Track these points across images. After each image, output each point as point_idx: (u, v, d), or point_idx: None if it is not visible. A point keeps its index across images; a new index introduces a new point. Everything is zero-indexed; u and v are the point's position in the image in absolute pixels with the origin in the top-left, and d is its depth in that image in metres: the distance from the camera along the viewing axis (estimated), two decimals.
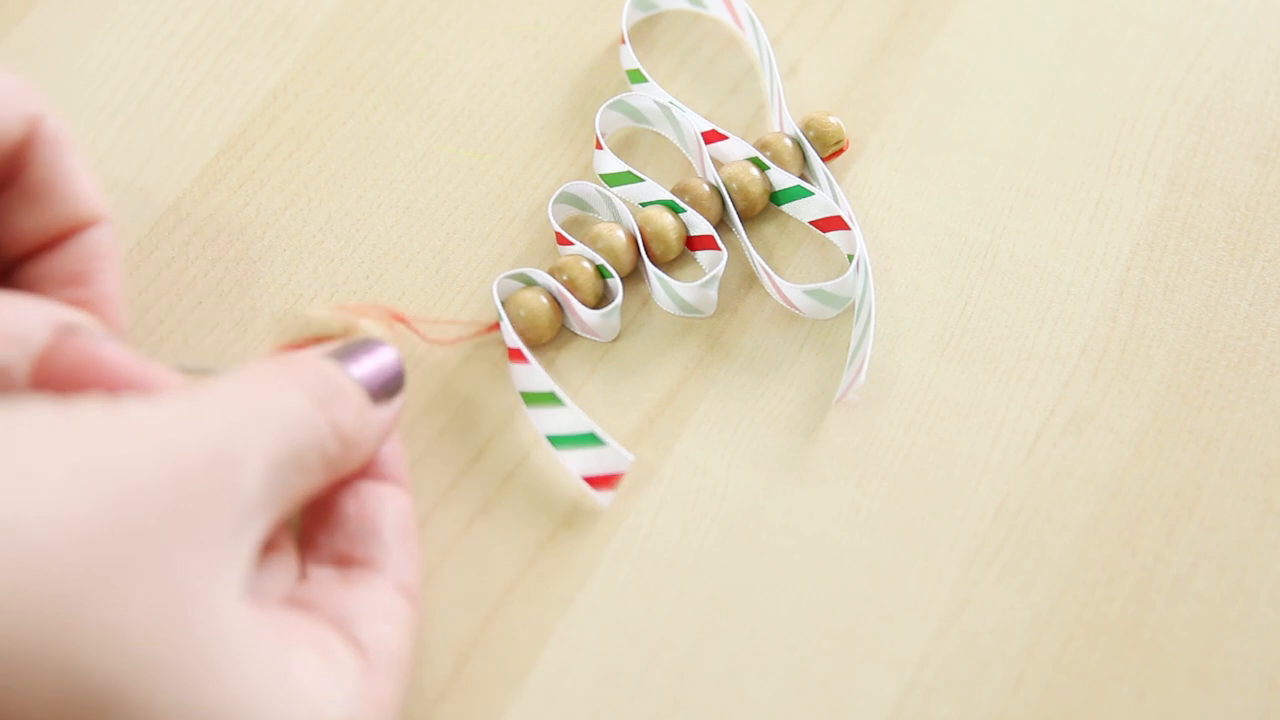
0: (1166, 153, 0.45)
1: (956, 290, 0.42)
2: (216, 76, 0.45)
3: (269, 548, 0.34)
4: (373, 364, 0.35)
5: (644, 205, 0.43)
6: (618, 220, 0.42)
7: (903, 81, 0.46)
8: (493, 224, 0.43)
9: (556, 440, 0.39)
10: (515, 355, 0.40)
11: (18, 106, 0.35)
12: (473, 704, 0.36)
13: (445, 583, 0.38)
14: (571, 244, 0.41)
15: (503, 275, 0.41)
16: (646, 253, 0.42)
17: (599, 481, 0.38)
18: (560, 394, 0.38)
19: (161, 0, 0.46)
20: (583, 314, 0.40)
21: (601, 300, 0.41)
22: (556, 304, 0.41)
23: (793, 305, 0.41)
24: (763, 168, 0.43)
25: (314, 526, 0.35)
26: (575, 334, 0.41)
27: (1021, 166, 0.44)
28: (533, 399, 0.39)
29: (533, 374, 0.39)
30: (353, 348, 0.35)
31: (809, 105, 0.45)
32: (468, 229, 0.43)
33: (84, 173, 0.36)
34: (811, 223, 0.43)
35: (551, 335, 0.41)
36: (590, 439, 0.38)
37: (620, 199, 0.42)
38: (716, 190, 0.42)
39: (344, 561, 0.35)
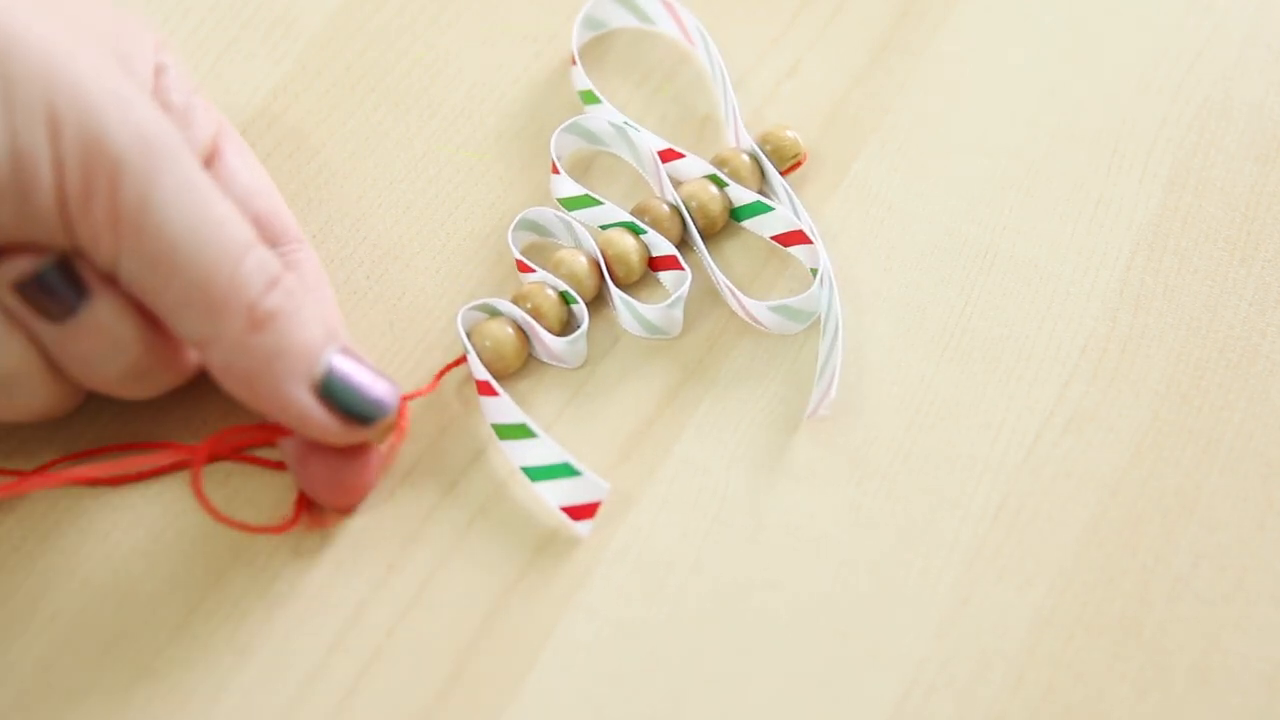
0: (1166, 153, 0.45)
1: (956, 290, 0.42)
2: (217, 76, 0.45)
3: None
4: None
5: (604, 228, 0.42)
6: (578, 245, 0.42)
7: (903, 81, 0.46)
8: (493, 224, 0.43)
9: (532, 473, 0.38)
10: (484, 388, 0.39)
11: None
12: (473, 704, 0.36)
13: (445, 583, 0.38)
14: (533, 271, 0.41)
15: (466, 307, 0.40)
16: (610, 276, 0.41)
17: (577, 512, 0.38)
18: (532, 425, 0.38)
19: (162, 0, 0.46)
20: (549, 341, 0.40)
21: (566, 326, 0.41)
22: (522, 333, 0.40)
23: (758, 322, 0.41)
24: (721, 185, 0.42)
25: None
26: (543, 362, 0.41)
27: (1021, 166, 0.44)
28: (505, 432, 0.39)
29: (503, 406, 0.39)
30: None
31: (810, 105, 0.45)
32: (468, 229, 0.43)
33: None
34: (773, 238, 0.43)
35: (519, 365, 0.40)
36: (565, 470, 0.38)
37: (580, 223, 0.42)
38: (676, 210, 0.42)
39: None
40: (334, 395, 0.36)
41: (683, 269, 0.41)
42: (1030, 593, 0.38)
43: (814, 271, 0.42)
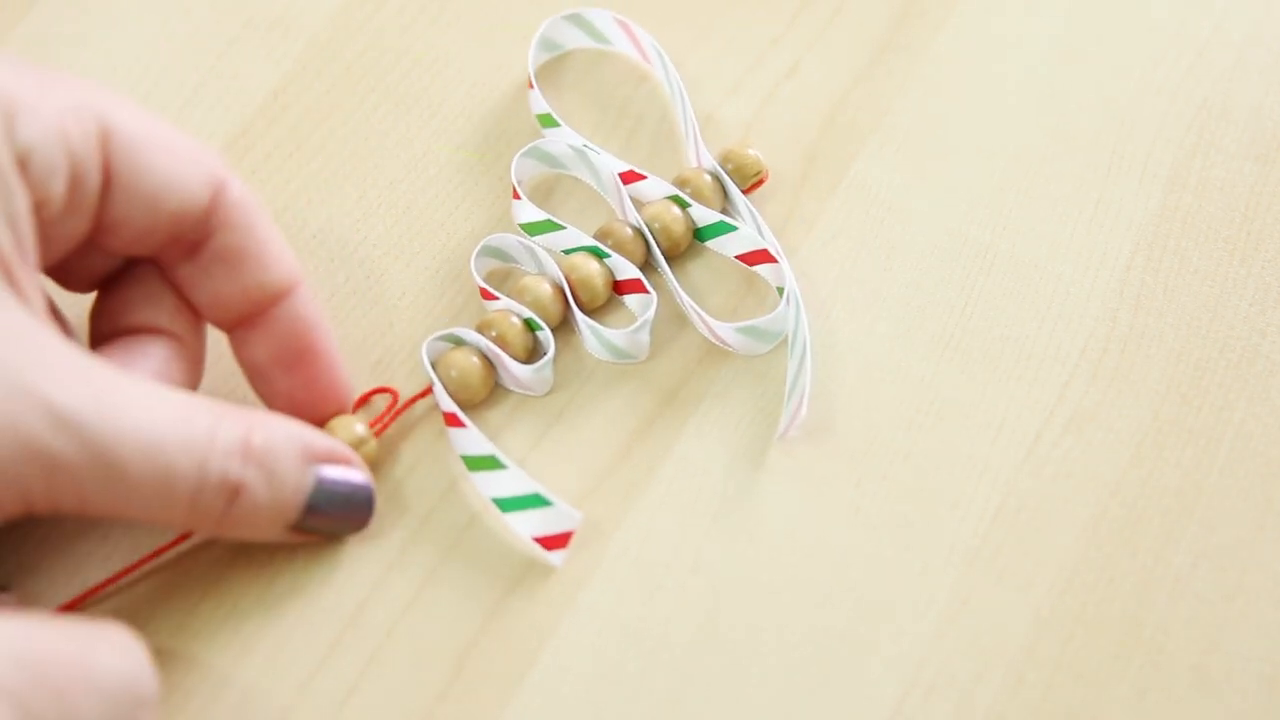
0: (1166, 153, 0.45)
1: (956, 290, 0.42)
2: (217, 76, 0.45)
3: None
4: (337, 506, 0.37)
5: (567, 253, 0.42)
6: (542, 271, 0.41)
7: (903, 81, 0.46)
8: (493, 225, 0.43)
9: (502, 504, 0.38)
10: (451, 420, 0.39)
11: (201, 173, 0.36)
12: (473, 704, 0.36)
13: (445, 583, 0.38)
14: (496, 299, 0.40)
15: (431, 338, 0.40)
16: (574, 301, 0.41)
17: (550, 542, 0.37)
18: (500, 456, 0.38)
19: (161, 0, 0.46)
20: (515, 370, 0.39)
21: (532, 354, 0.40)
22: (488, 362, 0.40)
23: (724, 343, 0.41)
24: (684, 205, 0.42)
25: None
26: (511, 390, 0.40)
27: (1021, 166, 0.44)
28: (475, 463, 0.38)
29: (470, 438, 0.38)
30: None
31: (810, 106, 0.45)
32: (467, 229, 0.43)
33: (275, 239, 0.37)
34: (737, 257, 0.42)
35: (485, 394, 0.40)
36: (536, 500, 0.37)
37: (543, 248, 0.41)
38: (639, 232, 0.42)
39: None
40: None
41: (648, 292, 0.41)
42: (1030, 593, 0.38)
43: (780, 291, 0.42)
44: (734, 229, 0.42)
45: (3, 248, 0.33)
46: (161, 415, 0.33)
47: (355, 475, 0.37)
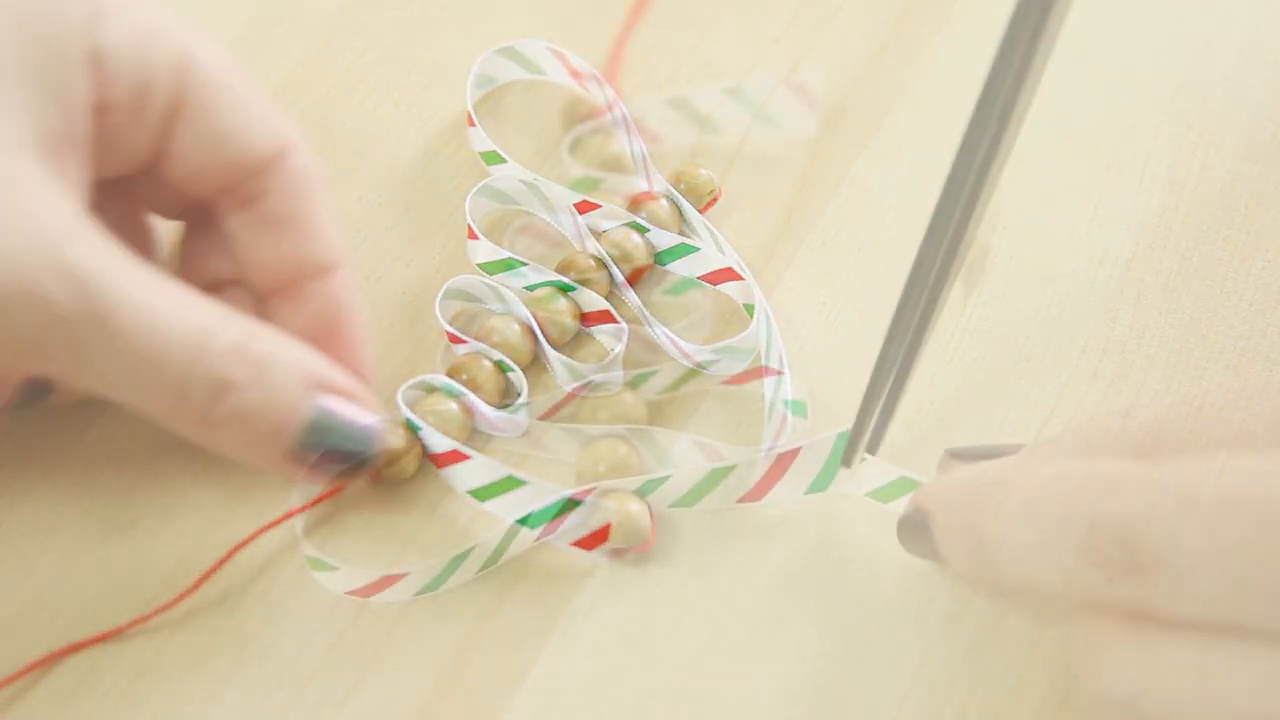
0: (1166, 153, 0.45)
1: (957, 290, 0.42)
2: None
3: None
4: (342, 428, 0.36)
5: (530, 289, 0.41)
6: (509, 310, 0.41)
7: (903, 81, 0.46)
8: (493, 225, 0.43)
9: (529, 521, 0.37)
10: (449, 459, 0.38)
11: (269, 131, 0.37)
12: (473, 704, 0.36)
13: (445, 582, 0.38)
14: (465, 342, 0.40)
15: (403, 388, 0.39)
16: (544, 339, 0.40)
17: (590, 541, 0.37)
18: (518, 475, 0.37)
19: (161, 0, 0.46)
20: (489, 414, 0.39)
21: (505, 395, 0.40)
22: (464, 407, 0.39)
23: (698, 365, 0.40)
24: (642, 230, 0.42)
25: None
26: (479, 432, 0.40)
27: (1021, 166, 0.44)
28: (487, 492, 0.37)
29: (477, 468, 0.37)
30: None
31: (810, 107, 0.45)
32: (468, 230, 0.43)
33: (326, 216, 0.38)
34: (701, 278, 0.42)
35: (464, 439, 0.39)
36: (566, 505, 0.37)
37: (506, 287, 0.41)
38: (601, 262, 0.41)
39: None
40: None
41: (617, 322, 0.40)
42: None
43: (748, 308, 0.41)
44: (695, 250, 0.42)
45: (51, 128, 0.33)
46: (168, 300, 0.33)
47: (360, 413, 0.36)
